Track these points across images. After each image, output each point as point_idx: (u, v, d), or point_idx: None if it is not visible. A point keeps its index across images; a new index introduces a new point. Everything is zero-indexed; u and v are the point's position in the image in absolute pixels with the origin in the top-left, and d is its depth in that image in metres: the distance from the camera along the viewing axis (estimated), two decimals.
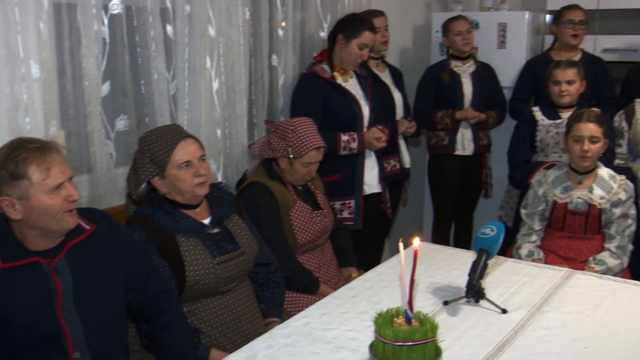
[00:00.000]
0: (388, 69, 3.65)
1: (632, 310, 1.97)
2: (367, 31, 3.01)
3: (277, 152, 2.52)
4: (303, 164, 2.51)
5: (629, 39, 4.02)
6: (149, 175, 2.07)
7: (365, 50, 3.04)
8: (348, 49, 3.00)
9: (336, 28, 3.06)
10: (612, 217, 2.67)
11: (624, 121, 3.22)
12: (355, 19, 3.07)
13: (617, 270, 2.64)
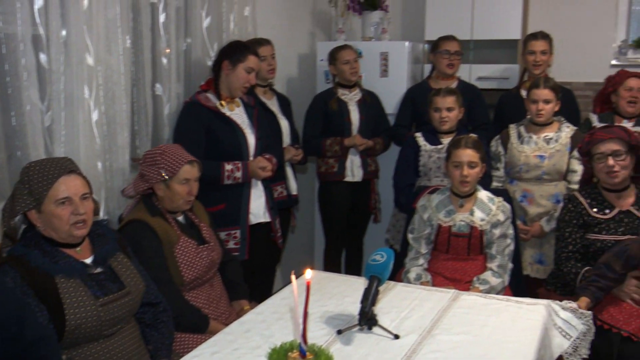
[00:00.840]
0: (276, 96, 3.68)
1: (516, 328, 2.07)
2: (252, 55, 3.04)
3: (150, 179, 2.45)
4: (180, 182, 2.45)
5: (501, 67, 4.31)
6: (24, 208, 1.94)
7: (253, 75, 3.06)
8: (235, 73, 3.00)
9: (221, 55, 3.05)
10: (492, 238, 2.82)
11: (500, 146, 3.42)
12: (239, 44, 3.09)
13: (500, 289, 2.78)
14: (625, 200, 2.73)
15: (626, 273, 2.49)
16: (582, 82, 4.40)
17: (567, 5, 4.48)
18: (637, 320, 2.43)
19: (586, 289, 2.46)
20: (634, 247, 2.47)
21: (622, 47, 4.42)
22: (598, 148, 2.70)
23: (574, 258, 2.73)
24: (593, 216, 2.73)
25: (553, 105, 3.25)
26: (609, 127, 2.86)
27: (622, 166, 2.65)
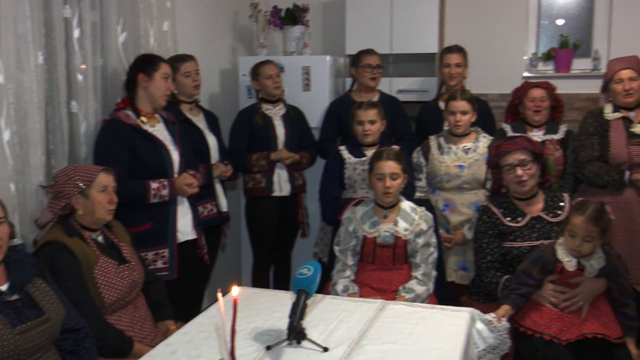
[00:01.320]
0: (202, 113, 3.66)
1: (441, 334, 2.13)
2: (163, 63, 3.02)
3: (67, 194, 2.38)
4: (99, 190, 2.40)
5: (419, 80, 4.45)
6: None
7: (170, 80, 3.04)
8: (154, 83, 2.97)
9: (134, 70, 3.00)
10: (416, 247, 2.90)
11: (421, 157, 3.53)
12: (148, 56, 3.08)
13: (425, 297, 2.85)
14: (535, 206, 2.87)
15: (543, 278, 2.59)
16: (497, 93, 4.58)
17: (480, 20, 4.67)
18: (557, 323, 2.53)
19: (508, 297, 2.56)
20: (547, 252, 2.58)
21: (533, 60, 4.65)
22: (506, 160, 2.82)
23: (493, 268, 2.82)
24: (507, 225, 2.84)
25: (470, 116, 3.39)
26: (514, 139, 2.97)
27: (529, 175, 2.79)
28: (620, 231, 3.34)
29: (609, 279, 2.55)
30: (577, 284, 2.54)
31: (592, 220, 2.42)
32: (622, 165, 3.32)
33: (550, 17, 4.69)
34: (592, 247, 2.48)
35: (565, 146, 3.57)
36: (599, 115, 3.47)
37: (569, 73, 4.53)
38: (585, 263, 2.52)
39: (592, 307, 2.54)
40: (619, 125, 3.38)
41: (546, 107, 3.60)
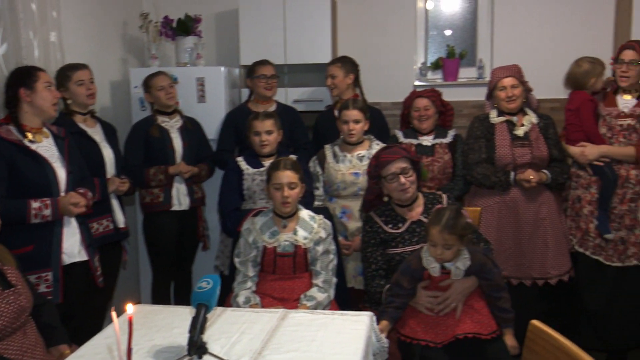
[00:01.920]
0: (99, 124, 3.54)
1: (341, 339, 2.18)
2: (41, 72, 2.92)
3: None
4: None
5: (315, 90, 4.53)
6: None
7: (53, 88, 2.95)
8: (38, 94, 2.85)
9: (13, 87, 2.86)
10: (316, 255, 2.95)
11: (317, 166, 3.60)
12: (23, 68, 2.96)
13: (326, 303, 2.90)
14: (415, 211, 2.95)
15: (415, 286, 2.68)
16: (390, 102, 4.75)
17: (371, 31, 4.83)
18: (433, 327, 2.62)
19: (385, 313, 2.64)
20: (414, 261, 2.67)
21: (422, 69, 4.86)
22: (388, 169, 2.88)
23: (378, 276, 2.89)
24: (389, 232, 2.92)
25: (362, 124, 3.49)
26: (391, 148, 3.05)
27: (411, 182, 2.89)
28: (508, 229, 3.55)
29: (478, 276, 2.66)
30: (448, 286, 2.63)
31: (447, 229, 2.51)
32: (507, 166, 3.52)
33: (437, 28, 4.92)
34: (453, 253, 2.58)
35: (454, 150, 3.74)
36: (485, 120, 3.66)
37: (456, 81, 4.77)
38: (450, 267, 2.62)
39: (466, 306, 2.64)
40: (503, 129, 3.59)
41: (431, 115, 3.76)
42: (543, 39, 4.65)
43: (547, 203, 3.56)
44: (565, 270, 3.56)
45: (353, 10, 4.81)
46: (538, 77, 4.19)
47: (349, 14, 4.81)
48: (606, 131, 3.56)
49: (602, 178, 3.50)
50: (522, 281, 3.57)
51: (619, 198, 3.47)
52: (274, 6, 4.42)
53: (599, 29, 4.59)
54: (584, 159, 3.54)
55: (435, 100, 3.79)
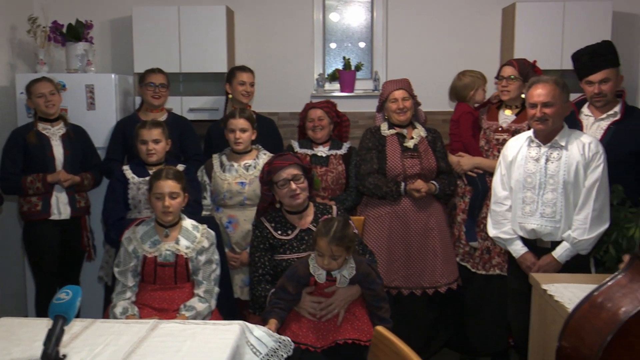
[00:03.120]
0: None
1: (208, 349, 2.19)
2: None
3: None
4: None
5: (211, 99, 4.53)
6: None
7: None
8: None
9: None
10: (198, 264, 2.94)
11: (205, 175, 3.59)
12: None
13: (206, 313, 2.90)
14: (305, 219, 3.02)
15: (300, 291, 2.74)
16: (288, 112, 4.80)
17: (269, 42, 4.86)
18: (314, 331, 2.68)
19: (272, 312, 2.68)
20: (301, 268, 2.73)
21: (320, 80, 4.94)
22: (280, 175, 2.93)
23: (264, 280, 2.93)
24: (278, 238, 2.97)
25: (250, 133, 3.52)
26: (285, 155, 3.12)
27: (302, 188, 2.95)
28: (399, 239, 3.63)
29: (362, 285, 2.75)
30: (332, 293, 2.71)
31: (335, 241, 2.59)
32: (397, 177, 3.61)
33: (335, 41, 5.02)
34: (339, 264, 2.66)
35: (348, 161, 3.82)
36: (377, 132, 3.75)
37: (353, 93, 4.86)
38: (336, 274, 2.70)
39: (348, 312, 2.73)
40: (394, 141, 3.69)
41: (325, 125, 3.83)
42: (434, 54, 4.83)
43: (436, 213, 3.68)
44: (453, 278, 3.68)
45: (250, 21, 4.84)
46: (429, 90, 4.36)
47: (246, 24, 4.83)
48: (484, 144, 3.73)
49: (474, 188, 3.68)
50: (413, 291, 3.63)
51: (488, 209, 3.63)
52: (168, 14, 4.40)
53: (487, 46, 4.81)
54: (459, 168, 3.71)
55: (329, 111, 3.86)
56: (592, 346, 1.71)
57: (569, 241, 2.95)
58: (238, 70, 4.04)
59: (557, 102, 2.93)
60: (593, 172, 2.94)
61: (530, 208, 3.03)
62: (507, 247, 3.16)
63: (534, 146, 3.06)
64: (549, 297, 2.46)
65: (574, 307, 1.87)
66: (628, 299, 1.73)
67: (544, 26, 4.41)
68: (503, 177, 3.18)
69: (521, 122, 3.64)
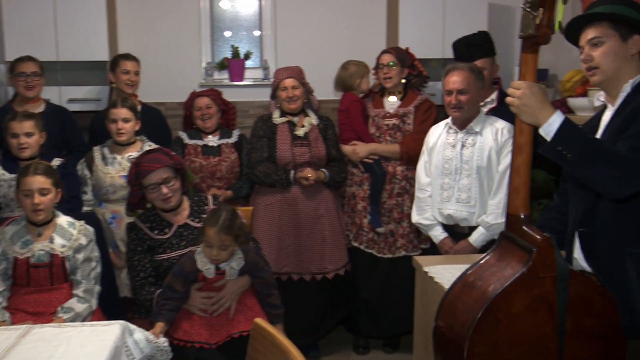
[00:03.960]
0: None
1: (84, 352, 2.06)
2: None
3: None
4: None
5: (93, 89, 4.29)
6: None
7: None
8: None
9: None
10: (76, 263, 2.77)
11: (85, 169, 3.40)
12: None
13: (86, 314, 2.74)
14: (181, 215, 2.86)
15: (189, 288, 2.64)
16: (175, 102, 4.62)
17: (154, 30, 4.66)
18: (207, 328, 2.60)
19: (159, 314, 2.56)
20: (187, 264, 2.63)
21: (208, 69, 4.80)
22: (149, 179, 2.73)
23: (148, 283, 2.77)
24: (155, 238, 2.81)
25: (133, 124, 3.37)
26: (152, 154, 2.86)
27: (173, 190, 2.77)
28: (289, 226, 3.63)
29: (251, 275, 2.70)
30: (221, 286, 2.64)
31: (224, 230, 2.51)
32: (287, 165, 3.60)
33: (223, 29, 4.89)
34: (229, 254, 2.60)
35: (240, 149, 3.75)
36: (268, 120, 3.72)
37: (242, 82, 4.77)
38: (225, 267, 2.63)
39: (239, 304, 2.67)
40: (284, 129, 3.67)
41: (214, 113, 3.74)
42: (323, 43, 4.81)
43: (326, 200, 3.69)
44: (341, 264, 3.72)
45: (133, 7, 4.62)
46: (319, 78, 4.33)
47: (129, 10, 4.60)
48: (375, 130, 3.78)
49: (372, 175, 3.72)
50: (303, 276, 3.66)
51: (388, 193, 3.70)
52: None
53: (373, 35, 4.85)
54: (355, 156, 3.73)
55: (215, 99, 3.78)
56: (464, 324, 1.76)
57: (483, 226, 2.97)
58: (122, 59, 3.85)
59: (471, 89, 2.95)
60: (506, 157, 2.91)
61: (447, 194, 3.05)
62: (428, 233, 3.19)
63: (451, 132, 3.08)
64: (430, 279, 2.51)
65: (449, 287, 1.92)
66: (495, 277, 1.80)
67: (426, 17, 4.50)
68: (426, 164, 3.19)
69: (406, 105, 3.73)
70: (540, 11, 1.68)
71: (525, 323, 1.72)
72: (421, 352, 2.70)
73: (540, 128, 1.74)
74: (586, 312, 1.74)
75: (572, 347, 1.74)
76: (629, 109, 1.84)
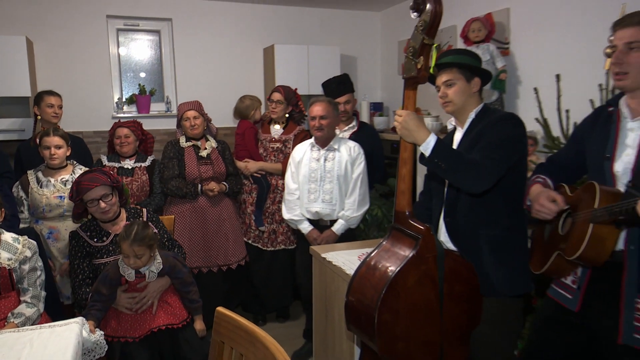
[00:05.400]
0: None
1: (48, 352, 1.81)
2: None
3: None
4: None
5: (18, 121, 3.84)
6: None
7: None
8: None
9: None
10: (22, 274, 2.43)
11: (21, 191, 3.01)
12: None
13: (35, 317, 2.41)
14: (118, 224, 2.65)
15: (115, 291, 2.43)
16: (92, 130, 4.28)
17: (70, 70, 4.26)
18: (131, 324, 2.41)
19: (88, 314, 2.34)
20: (112, 270, 2.43)
21: (119, 103, 4.48)
22: (88, 196, 2.52)
23: (85, 284, 2.54)
24: (94, 245, 2.58)
25: (65, 150, 3.04)
26: (91, 174, 2.60)
27: (111, 204, 2.55)
28: (198, 229, 3.50)
29: (170, 275, 2.53)
30: (144, 287, 2.45)
31: (136, 242, 2.34)
32: (195, 180, 3.47)
33: (130, 70, 4.59)
34: (144, 262, 2.41)
35: (151, 172, 3.54)
36: (176, 144, 3.57)
37: (149, 114, 4.51)
38: (145, 271, 2.45)
39: (161, 301, 2.49)
40: (190, 151, 3.53)
41: (132, 142, 3.50)
42: (215, 81, 4.70)
43: (227, 207, 3.61)
44: (242, 257, 3.66)
45: (49, 51, 4.17)
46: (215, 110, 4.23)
47: (46, 53, 4.16)
48: (263, 151, 3.76)
49: (259, 186, 3.69)
50: (211, 269, 3.55)
51: (271, 200, 3.71)
52: None
53: (255, 76, 4.82)
54: (247, 171, 3.70)
55: (135, 129, 3.53)
56: (372, 298, 1.78)
57: (343, 219, 3.09)
58: (46, 94, 3.46)
59: (330, 115, 3.07)
60: (357, 167, 3.10)
61: (314, 196, 3.11)
62: (298, 227, 3.19)
63: (315, 150, 3.15)
64: (328, 263, 2.53)
65: (355, 269, 1.93)
66: (392, 260, 1.84)
67: (296, 62, 4.56)
68: (293, 174, 3.23)
69: (288, 133, 3.73)
70: (421, 59, 1.74)
71: (417, 293, 1.77)
72: (322, 316, 2.71)
73: (419, 146, 1.82)
74: (456, 280, 1.84)
75: (448, 307, 1.82)
76: (475, 130, 1.96)
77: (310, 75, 4.58)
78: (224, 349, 1.66)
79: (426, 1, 1.69)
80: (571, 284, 1.82)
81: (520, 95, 3.47)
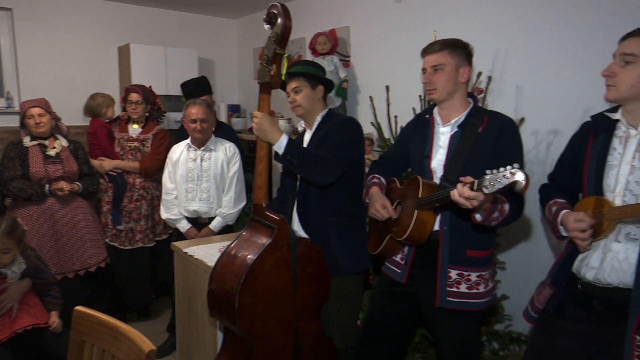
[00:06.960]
0: None
1: None
2: None
3: None
4: None
5: None
6: None
7: None
8: None
9: None
10: None
11: None
12: None
13: None
14: None
15: None
16: None
17: None
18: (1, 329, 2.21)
19: None
20: None
21: None
22: None
23: None
24: None
25: None
26: None
27: None
28: (48, 232, 3.18)
29: (32, 277, 2.36)
30: (4, 289, 2.26)
31: (6, 235, 2.19)
32: (42, 180, 3.15)
33: None
34: (10, 257, 2.25)
35: None
36: (19, 144, 3.21)
37: None
38: (6, 271, 2.26)
39: (22, 303, 2.31)
40: (36, 150, 3.20)
41: None
42: (66, 79, 4.30)
43: (81, 208, 3.34)
44: (102, 258, 3.42)
45: None
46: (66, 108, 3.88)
47: None
48: (120, 150, 3.57)
49: (115, 184, 3.52)
50: (66, 275, 3.25)
51: (128, 199, 3.55)
52: None
53: (108, 74, 4.51)
54: (102, 169, 3.51)
55: None
56: (233, 284, 1.85)
57: (220, 216, 3.06)
58: None
59: (209, 118, 3.01)
60: (233, 166, 3.08)
61: (191, 195, 3.05)
62: (176, 225, 3.11)
63: (191, 150, 3.08)
64: (190, 257, 2.52)
65: (217, 259, 1.97)
66: (251, 249, 1.93)
67: (153, 62, 4.39)
68: (170, 174, 3.12)
69: (146, 133, 3.60)
70: (274, 66, 1.84)
71: (273, 276, 1.87)
72: (184, 309, 2.68)
73: (274, 145, 1.91)
74: (308, 263, 1.97)
75: (302, 288, 1.95)
76: (322, 131, 2.13)
77: (168, 76, 4.43)
78: (84, 347, 1.57)
79: (278, 15, 1.79)
80: (400, 260, 2.07)
81: (359, 102, 3.79)
